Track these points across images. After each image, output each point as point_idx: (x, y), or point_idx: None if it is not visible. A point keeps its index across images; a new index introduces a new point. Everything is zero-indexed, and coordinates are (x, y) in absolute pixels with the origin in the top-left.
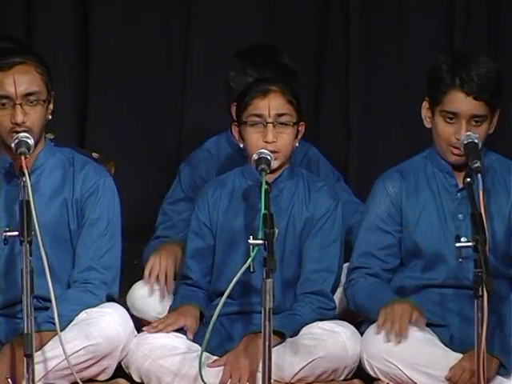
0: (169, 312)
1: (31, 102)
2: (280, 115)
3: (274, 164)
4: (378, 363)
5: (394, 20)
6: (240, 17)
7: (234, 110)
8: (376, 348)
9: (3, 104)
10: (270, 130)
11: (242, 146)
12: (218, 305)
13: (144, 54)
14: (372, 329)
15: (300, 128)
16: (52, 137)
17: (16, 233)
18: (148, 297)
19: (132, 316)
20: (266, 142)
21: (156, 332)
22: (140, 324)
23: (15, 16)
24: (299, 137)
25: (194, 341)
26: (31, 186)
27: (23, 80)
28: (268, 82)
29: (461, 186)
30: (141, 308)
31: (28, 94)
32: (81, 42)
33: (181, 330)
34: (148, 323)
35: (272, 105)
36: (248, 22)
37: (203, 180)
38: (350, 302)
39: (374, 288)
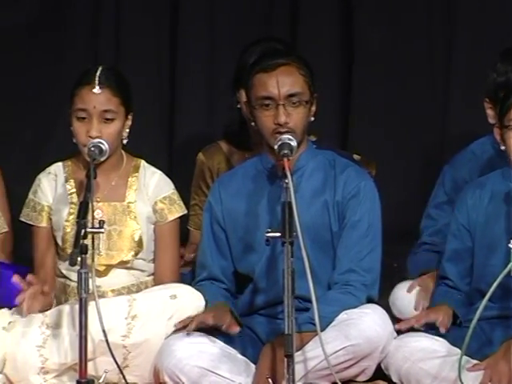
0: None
1: (294, 103)
2: None
3: None
4: None
5: None
6: (503, 16)
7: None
8: None
9: (266, 105)
10: None
11: (502, 148)
12: (477, 308)
13: (406, 54)
14: None
15: None
16: (314, 139)
17: (278, 234)
18: (409, 297)
19: (393, 317)
20: None
21: None
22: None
23: (280, 17)
24: None
25: (453, 344)
26: (293, 187)
27: (286, 81)
28: None
29: None
30: (401, 308)
31: (291, 95)
32: (344, 43)
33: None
34: None
35: None
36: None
37: (465, 182)
38: None
39: None
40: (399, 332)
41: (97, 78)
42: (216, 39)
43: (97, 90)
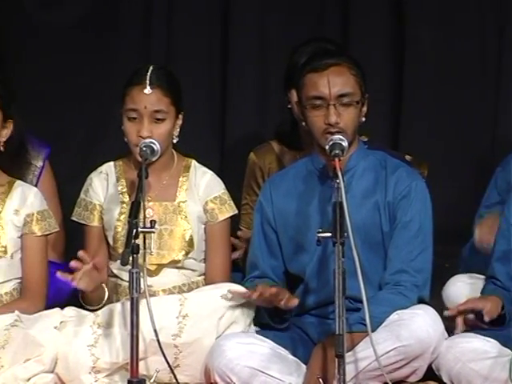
0: None
1: (344, 104)
2: None
3: None
4: None
5: None
6: None
7: None
8: None
9: (317, 105)
10: None
11: None
12: None
13: (457, 54)
14: None
15: None
16: (366, 139)
17: (329, 234)
18: (463, 292)
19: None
20: None
21: None
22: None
23: (331, 17)
24: None
25: (504, 345)
26: (344, 187)
27: (337, 81)
28: None
29: None
30: (455, 302)
31: (341, 96)
32: (396, 43)
33: None
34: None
35: None
36: None
37: None
38: None
39: None
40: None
41: (147, 78)
42: (267, 39)
43: (147, 90)
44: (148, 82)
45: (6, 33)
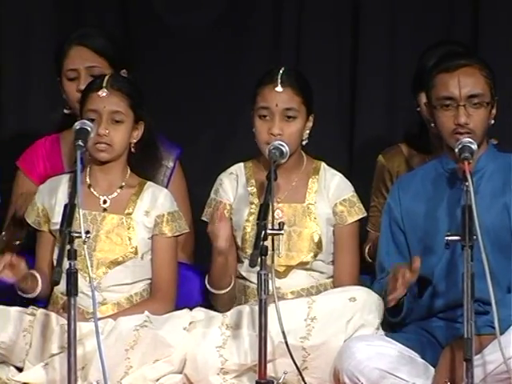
0: None
1: (474, 104)
2: None
3: None
4: None
5: None
6: None
7: None
8: None
9: (447, 105)
10: None
11: None
12: None
13: None
14: None
15: None
16: (495, 142)
17: (457, 238)
18: None
19: None
20: None
21: None
22: None
23: (460, 18)
24: None
25: None
26: (473, 189)
27: (468, 82)
28: None
29: None
30: None
31: (472, 96)
32: None
33: None
34: None
35: None
36: None
37: None
38: None
39: None
40: None
41: (279, 77)
42: (396, 40)
43: (279, 88)
44: (279, 80)
45: (136, 33)
